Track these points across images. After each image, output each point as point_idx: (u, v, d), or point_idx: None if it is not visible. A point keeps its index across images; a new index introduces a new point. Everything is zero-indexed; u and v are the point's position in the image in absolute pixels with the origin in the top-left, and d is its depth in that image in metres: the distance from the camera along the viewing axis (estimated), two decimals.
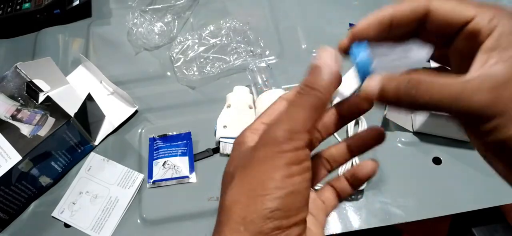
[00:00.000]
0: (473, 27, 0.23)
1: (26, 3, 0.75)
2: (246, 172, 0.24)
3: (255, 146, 0.24)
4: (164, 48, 0.73)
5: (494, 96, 0.21)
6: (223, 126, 0.60)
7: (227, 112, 0.62)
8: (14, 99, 0.56)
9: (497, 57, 0.22)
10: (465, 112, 0.22)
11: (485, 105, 0.21)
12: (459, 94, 0.21)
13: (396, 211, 0.55)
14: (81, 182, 0.60)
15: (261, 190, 0.22)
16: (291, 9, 0.78)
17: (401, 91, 0.23)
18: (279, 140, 0.23)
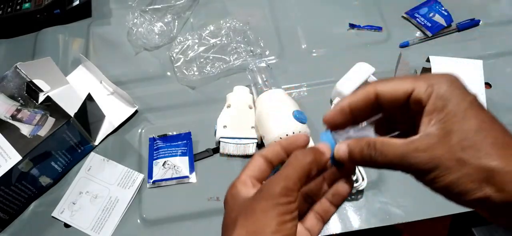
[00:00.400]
0: (415, 97, 0.28)
1: (26, 3, 0.75)
2: (247, 219, 0.29)
3: (255, 198, 0.29)
4: (164, 48, 0.73)
5: (429, 155, 0.26)
6: (223, 126, 0.60)
7: (227, 112, 0.62)
8: (14, 99, 0.56)
9: (434, 119, 0.27)
10: (409, 168, 0.27)
11: (423, 162, 0.27)
12: (404, 154, 0.27)
13: (396, 211, 0.55)
14: (81, 182, 0.60)
15: (261, 234, 0.28)
16: (291, 9, 0.78)
17: (364, 152, 0.29)
18: (276, 195, 0.28)
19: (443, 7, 0.74)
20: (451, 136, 0.26)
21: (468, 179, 0.26)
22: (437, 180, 0.26)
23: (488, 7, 0.76)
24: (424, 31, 0.73)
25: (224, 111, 0.62)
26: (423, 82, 0.28)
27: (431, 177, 0.27)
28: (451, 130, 0.26)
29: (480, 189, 0.26)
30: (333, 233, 0.54)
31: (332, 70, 0.67)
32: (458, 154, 0.26)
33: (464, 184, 0.26)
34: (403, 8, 0.76)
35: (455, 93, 0.27)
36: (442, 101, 0.27)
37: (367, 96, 0.30)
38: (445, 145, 0.26)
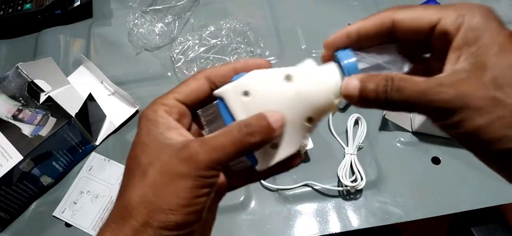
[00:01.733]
0: (441, 29, 0.24)
1: (27, 3, 0.75)
2: (160, 178, 0.24)
3: (176, 154, 0.24)
4: (165, 49, 0.74)
5: (456, 91, 0.22)
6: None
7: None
8: (15, 99, 0.57)
9: (465, 54, 0.23)
10: (431, 106, 0.23)
11: (448, 100, 0.22)
12: (425, 90, 0.23)
13: (395, 210, 0.55)
14: (82, 181, 0.60)
15: (169, 204, 0.23)
16: (291, 9, 0.78)
17: (379, 88, 0.24)
18: (201, 165, 0.24)
19: None
20: (485, 71, 0.22)
21: (501, 123, 0.22)
22: (463, 123, 0.22)
23: None
24: None
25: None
26: (451, 12, 0.24)
27: (456, 120, 0.22)
28: (484, 64, 0.22)
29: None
30: (332, 232, 0.55)
31: None
32: (491, 93, 0.22)
33: (496, 130, 0.22)
34: None
35: (489, 25, 0.23)
36: (475, 33, 0.23)
37: (381, 23, 0.26)
38: (476, 81, 0.22)
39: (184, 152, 0.24)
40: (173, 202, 0.23)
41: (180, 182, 0.23)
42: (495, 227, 0.58)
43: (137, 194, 0.24)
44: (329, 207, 0.57)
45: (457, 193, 0.56)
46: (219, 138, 0.24)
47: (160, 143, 0.25)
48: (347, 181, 0.55)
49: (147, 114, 0.26)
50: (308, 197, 0.57)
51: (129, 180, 0.25)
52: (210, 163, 0.24)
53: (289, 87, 0.26)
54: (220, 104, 0.27)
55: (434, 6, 0.25)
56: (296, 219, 0.56)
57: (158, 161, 0.24)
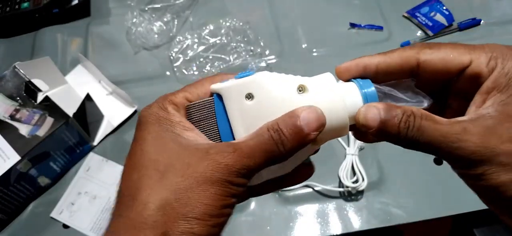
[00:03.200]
0: (473, 71, 0.22)
1: (24, 2, 0.74)
2: (184, 182, 0.21)
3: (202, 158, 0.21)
4: (164, 48, 0.73)
5: (482, 142, 0.20)
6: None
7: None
8: (12, 99, 0.56)
9: (493, 99, 0.21)
10: (452, 154, 0.21)
11: (472, 151, 0.21)
12: (448, 135, 0.21)
13: (397, 211, 0.55)
14: (80, 182, 0.59)
15: (195, 212, 0.20)
16: (291, 8, 0.78)
17: (402, 125, 0.22)
18: (232, 171, 0.21)
19: (444, 7, 0.73)
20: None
21: None
22: (485, 176, 0.21)
23: (489, 7, 0.75)
24: (425, 30, 0.72)
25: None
26: (483, 54, 0.22)
27: (478, 172, 0.21)
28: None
29: None
30: (333, 234, 0.54)
31: (333, 70, 0.66)
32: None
33: None
34: (404, 7, 0.75)
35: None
36: (507, 79, 0.21)
37: (405, 62, 0.24)
38: (503, 133, 0.20)
39: (212, 156, 0.21)
40: (199, 209, 0.20)
41: (208, 188, 0.21)
42: (497, 229, 0.58)
43: (156, 198, 0.21)
44: (330, 208, 0.56)
45: (460, 194, 0.55)
46: (249, 144, 0.22)
47: (180, 144, 0.22)
48: (348, 182, 0.55)
49: (157, 112, 0.24)
50: (308, 198, 0.57)
51: (142, 182, 0.21)
52: (242, 169, 0.21)
53: (301, 99, 0.23)
54: (217, 102, 0.24)
55: (463, 45, 0.23)
56: (297, 220, 0.55)
57: (180, 163, 0.21)
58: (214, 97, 0.24)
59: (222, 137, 0.24)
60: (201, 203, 0.20)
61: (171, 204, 0.20)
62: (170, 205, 0.20)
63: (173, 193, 0.21)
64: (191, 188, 0.21)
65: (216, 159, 0.21)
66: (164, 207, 0.20)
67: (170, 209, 0.20)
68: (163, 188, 0.21)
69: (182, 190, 0.21)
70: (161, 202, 0.20)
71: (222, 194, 0.21)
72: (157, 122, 0.23)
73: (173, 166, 0.21)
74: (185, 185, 0.21)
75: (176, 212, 0.20)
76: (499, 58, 0.22)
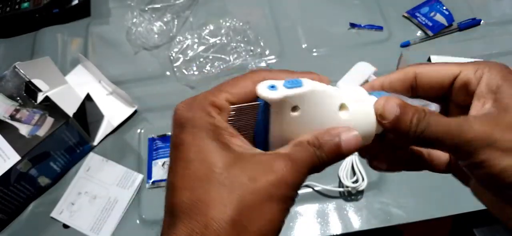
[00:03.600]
0: (462, 79, 0.25)
1: (25, 2, 0.74)
2: (252, 199, 0.21)
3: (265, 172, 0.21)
4: (164, 48, 0.73)
5: (483, 129, 0.22)
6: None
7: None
8: (12, 99, 0.56)
9: (490, 100, 0.24)
10: (457, 143, 0.23)
11: (473, 137, 0.22)
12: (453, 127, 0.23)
13: (397, 211, 0.55)
14: (80, 182, 0.59)
15: (262, 231, 0.21)
16: (291, 8, 0.78)
17: (414, 121, 0.24)
18: (292, 187, 0.22)
19: (444, 7, 0.73)
20: (509, 113, 0.23)
21: None
22: (487, 163, 0.22)
23: (489, 7, 0.76)
24: (425, 30, 0.72)
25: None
26: (471, 66, 0.25)
27: (481, 158, 0.22)
28: (507, 107, 0.23)
29: None
30: (333, 234, 0.54)
31: (333, 70, 0.66)
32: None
33: None
34: (404, 7, 0.75)
35: (507, 78, 0.24)
36: (496, 82, 0.24)
37: (405, 77, 0.27)
38: (503, 122, 0.22)
39: (275, 172, 0.21)
40: (267, 227, 0.21)
41: (273, 205, 0.21)
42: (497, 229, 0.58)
43: (227, 214, 0.20)
44: (330, 208, 0.56)
45: (460, 194, 0.55)
46: (299, 157, 0.22)
47: (233, 153, 0.22)
48: (348, 182, 0.55)
49: (202, 117, 0.23)
50: (308, 198, 0.57)
51: (209, 195, 0.21)
52: (297, 184, 0.22)
53: (342, 116, 0.25)
54: (262, 108, 0.24)
55: (454, 62, 0.27)
56: (297, 220, 0.55)
57: (244, 176, 0.21)
58: (260, 104, 0.24)
59: (257, 143, 0.24)
60: (268, 220, 0.21)
61: (241, 221, 0.20)
62: (240, 222, 0.20)
63: (243, 209, 0.21)
64: (259, 205, 0.21)
65: (280, 175, 0.21)
66: (235, 224, 0.20)
67: (240, 226, 0.20)
68: (232, 203, 0.20)
69: (251, 207, 0.21)
70: (232, 218, 0.20)
71: (284, 209, 0.22)
72: (201, 127, 0.22)
73: (238, 180, 0.21)
74: (254, 202, 0.21)
75: (247, 230, 0.20)
76: (485, 68, 0.25)
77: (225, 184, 0.21)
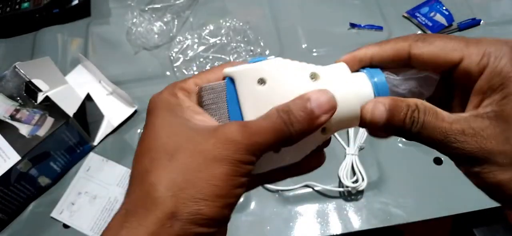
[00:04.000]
0: (464, 69, 0.23)
1: (25, 2, 0.74)
2: (193, 162, 0.21)
3: (210, 136, 0.21)
4: (164, 48, 0.73)
5: (478, 142, 0.21)
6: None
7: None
8: (13, 99, 0.56)
9: (488, 100, 0.22)
10: (452, 153, 0.22)
11: (469, 151, 0.21)
12: (447, 134, 0.22)
13: (397, 211, 0.55)
14: (80, 182, 0.59)
15: (203, 193, 0.20)
16: (291, 8, 0.78)
17: (407, 121, 0.22)
18: (241, 149, 0.21)
19: (444, 7, 0.73)
20: (509, 124, 0.21)
21: None
22: (484, 175, 0.21)
23: (489, 7, 0.76)
24: (425, 30, 0.72)
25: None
26: (475, 50, 0.22)
27: (477, 170, 0.22)
28: (509, 117, 0.21)
29: None
30: (332, 234, 0.54)
31: None
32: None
33: None
34: (404, 7, 0.75)
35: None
36: (500, 78, 0.21)
37: (397, 55, 0.25)
38: (499, 135, 0.21)
39: (220, 134, 0.21)
40: (208, 190, 0.20)
41: (216, 167, 0.20)
42: (497, 228, 0.58)
43: (165, 178, 0.20)
44: (330, 208, 0.56)
45: (460, 194, 0.56)
46: (258, 123, 0.22)
47: (189, 127, 0.22)
48: (348, 182, 0.55)
49: (167, 98, 0.24)
50: (308, 198, 0.57)
51: (152, 165, 0.21)
52: (250, 147, 0.21)
53: (313, 86, 0.23)
54: (229, 86, 0.24)
55: (457, 40, 0.23)
56: (297, 220, 0.55)
57: (189, 143, 0.21)
58: (226, 80, 0.24)
59: (232, 120, 0.24)
60: (209, 183, 0.20)
61: (179, 184, 0.20)
62: (178, 185, 0.20)
63: (182, 174, 0.21)
64: (199, 168, 0.20)
65: (224, 136, 0.21)
66: (172, 188, 0.20)
67: (178, 190, 0.20)
68: (172, 169, 0.21)
69: (190, 171, 0.21)
70: (170, 183, 0.20)
71: (231, 173, 0.21)
72: (166, 107, 0.23)
73: (182, 147, 0.21)
74: (193, 166, 0.21)
75: (185, 193, 0.20)
76: (492, 55, 0.22)
77: (168, 152, 0.21)
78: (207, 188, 0.20)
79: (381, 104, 0.23)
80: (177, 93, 0.24)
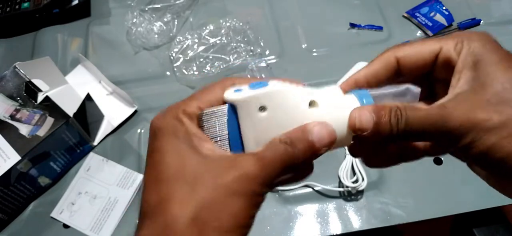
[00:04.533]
0: (443, 57, 0.25)
1: (25, 2, 0.74)
2: (214, 195, 0.21)
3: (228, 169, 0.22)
4: (164, 48, 0.73)
5: (462, 114, 0.23)
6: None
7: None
8: (13, 99, 0.56)
9: (464, 77, 0.24)
10: (439, 134, 0.23)
11: (456, 126, 0.23)
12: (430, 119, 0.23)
13: (397, 211, 0.55)
14: (80, 182, 0.59)
15: (226, 226, 0.21)
16: (291, 8, 0.78)
17: (392, 121, 0.24)
18: (257, 182, 0.22)
19: (444, 7, 0.73)
20: (486, 90, 0.22)
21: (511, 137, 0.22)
22: (473, 144, 0.22)
23: (489, 7, 0.76)
24: (425, 30, 0.72)
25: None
26: (451, 40, 0.25)
27: (466, 142, 0.22)
28: (484, 84, 0.23)
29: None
30: (332, 233, 0.54)
31: (333, 70, 0.66)
32: (496, 108, 0.22)
33: (509, 146, 0.22)
34: (404, 7, 0.75)
35: (487, 47, 0.24)
36: (473, 57, 0.24)
37: (386, 64, 0.26)
38: (479, 101, 0.22)
39: (239, 168, 0.22)
40: (230, 222, 0.21)
41: (237, 201, 0.21)
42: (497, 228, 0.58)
43: (187, 210, 0.21)
44: (330, 208, 0.56)
45: (459, 194, 0.56)
46: (268, 154, 0.23)
47: (202, 156, 0.22)
48: (348, 182, 0.55)
49: (172, 123, 0.24)
50: (308, 198, 0.57)
51: (171, 195, 0.21)
52: (266, 179, 0.22)
53: (312, 113, 0.24)
54: (230, 112, 0.24)
55: (432, 38, 0.26)
56: (297, 220, 0.55)
57: (208, 174, 0.22)
58: (227, 107, 0.24)
59: (232, 147, 0.24)
60: (231, 216, 0.21)
61: (202, 217, 0.21)
62: (201, 218, 0.21)
63: (204, 206, 0.21)
64: (221, 202, 0.21)
65: (243, 170, 0.22)
66: (196, 220, 0.21)
67: (201, 222, 0.21)
68: (194, 201, 0.21)
69: (212, 203, 0.21)
70: (193, 215, 0.21)
71: (249, 205, 0.22)
72: (173, 133, 0.23)
73: (201, 178, 0.22)
74: (215, 198, 0.21)
75: (208, 226, 0.21)
76: (464, 40, 0.24)
77: (188, 183, 0.21)
78: (230, 220, 0.21)
79: (366, 111, 0.24)
80: (182, 118, 0.24)
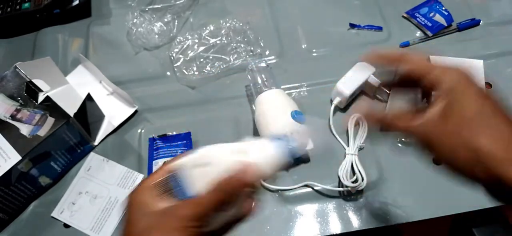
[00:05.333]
0: (429, 81, 0.34)
1: (25, 3, 0.75)
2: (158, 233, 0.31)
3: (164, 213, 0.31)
4: (164, 48, 0.73)
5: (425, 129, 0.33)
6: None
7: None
8: (13, 99, 0.56)
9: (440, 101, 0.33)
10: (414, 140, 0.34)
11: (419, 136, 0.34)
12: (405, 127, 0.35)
13: (396, 211, 0.55)
14: (81, 182, 0.60)
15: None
16: (291, 8, 0.78)
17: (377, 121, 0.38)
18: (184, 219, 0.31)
19: (444, 7, 0.73)
20: (451, 115, 0.32)
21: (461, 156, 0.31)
22: (436, 155, 0.32)
23: (488, 7, 0.76)
24: (425, 31, 0.73)
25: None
26: (437, 70, 0.34)
27: (427, 152, 0.33)
28: (451, 110, 0.32)
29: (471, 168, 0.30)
30: (332, 233, 0.54)
31: (332, 70, 0.66)
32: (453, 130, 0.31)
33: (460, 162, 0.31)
34: (404, 8, 0.76)
35: (462, 82, 0.32)
36: (448, 86, 0.32)
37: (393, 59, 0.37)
38: (443, 123, 0.32)
39: (174, 212, 0.31)
40: None
41: (177, 234, 0.30)
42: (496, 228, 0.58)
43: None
44: (330, 208, 0.56)
45: (459, 194, 0.56)
46: (200, 196, 0.32)
47: (156, 213, 0.32)
48: (348, 182, 0.55)
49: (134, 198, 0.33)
50: (308, 198, 0.57)
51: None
52: (195, 215, 0.31)
53: (245, 158, 0.33)
54: (174, 176, 0.33)
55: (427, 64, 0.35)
56: (296, 220, 0.56)
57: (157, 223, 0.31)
58: (173, 174, 0.33)
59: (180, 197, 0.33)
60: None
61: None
62: None
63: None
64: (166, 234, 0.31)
65: (176, 213, 0.31)
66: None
67: None
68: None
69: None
70: None
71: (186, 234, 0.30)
72: (139, 204, 0.33)
73: (154, 227, 0.31)
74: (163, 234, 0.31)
75: None
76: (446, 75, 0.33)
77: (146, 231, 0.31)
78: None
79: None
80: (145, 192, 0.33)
